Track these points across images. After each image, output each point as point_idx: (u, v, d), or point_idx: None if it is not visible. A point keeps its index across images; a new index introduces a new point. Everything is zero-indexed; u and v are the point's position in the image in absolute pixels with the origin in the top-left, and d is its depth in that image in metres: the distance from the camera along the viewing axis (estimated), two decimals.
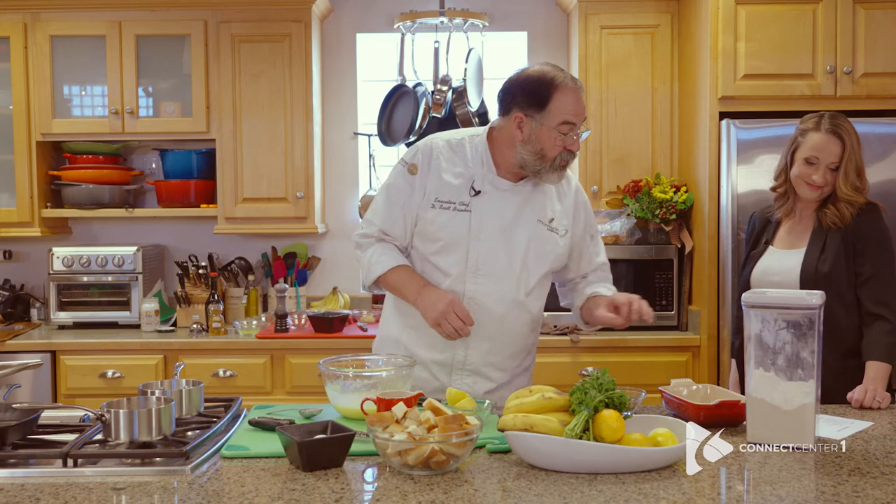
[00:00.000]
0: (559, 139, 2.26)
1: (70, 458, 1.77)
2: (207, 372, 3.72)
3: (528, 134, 2.28)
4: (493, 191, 2.35)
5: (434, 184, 2.35)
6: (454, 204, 2.34)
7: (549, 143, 2.27)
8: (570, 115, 2.26)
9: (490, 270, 2.34)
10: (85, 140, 4.09)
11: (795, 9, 3.55)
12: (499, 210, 2.34)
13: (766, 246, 2.64)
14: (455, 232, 2.33)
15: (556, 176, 2.33)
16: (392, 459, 1.71)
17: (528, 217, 2.37)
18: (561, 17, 4.35)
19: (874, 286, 2.45)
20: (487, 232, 2.33)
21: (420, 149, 2.39)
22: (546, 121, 2.26)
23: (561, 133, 2.25)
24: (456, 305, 2.25)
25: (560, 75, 2.29)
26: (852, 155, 2.46)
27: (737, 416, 2.04)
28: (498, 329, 2.37)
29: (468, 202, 2.33)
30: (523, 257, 2.36)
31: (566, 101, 2.26)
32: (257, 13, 4.00)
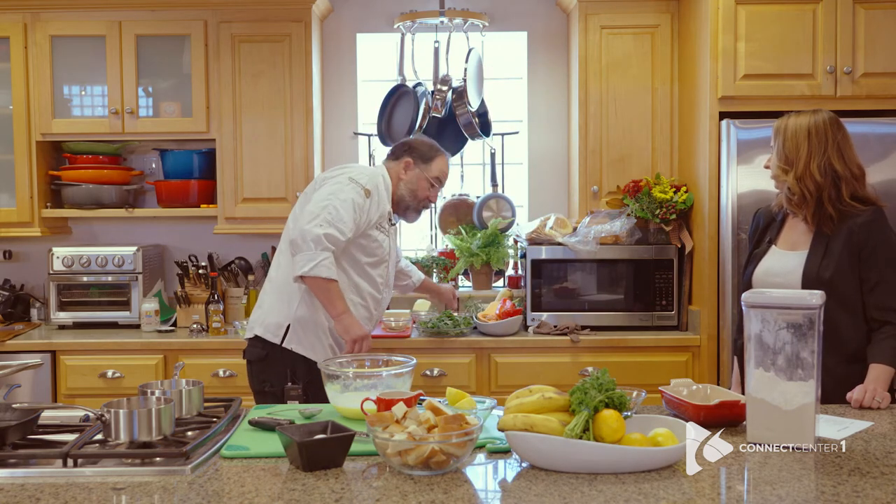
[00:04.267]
0: (428, 189, 3.14)
1: (70, 458, 1.77)
2: (207, 372, 3.72)
3: (411, 176, 3.11)
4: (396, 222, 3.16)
5: (380, 208, 2.98)
6: (385, 229, 3.03)
7: (422, 187, 3.13)
8: (442, 174, 3.17)
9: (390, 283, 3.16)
10: (85, 140, 4.09)
11: (795, 9, 3.55)
12: (394, 238, 3.17)
13: (769, 245, 2.64)
14: (385, 250, 3.04)
15: (415, 216, 3.21)
16: (392, 459, 1.71)
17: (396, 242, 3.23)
18: (561, 17, 4.35)
19: (880, 292, 2.44)
20: (393, 253, 3.15)
21: (370, 177, 2.98)
22: (427, 172, 3.13)
23: (431, 184, 3.13)
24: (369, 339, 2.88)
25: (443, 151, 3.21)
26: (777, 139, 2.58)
27: (737, 416, 2.04)
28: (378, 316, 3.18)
29: (387, 229, 3.05)
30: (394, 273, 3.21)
31: (443, 165, 3.18)
32: (257, 13, 4.00)
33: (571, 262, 3.90)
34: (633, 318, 3.88)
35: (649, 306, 3.87)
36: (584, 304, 3.90)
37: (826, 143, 2.52)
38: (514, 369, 3.71)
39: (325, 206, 2.82)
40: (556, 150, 4.40)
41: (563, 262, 3.91)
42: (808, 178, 2.50)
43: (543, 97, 4.41)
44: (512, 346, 3.73)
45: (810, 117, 2.56)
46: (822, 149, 2.51)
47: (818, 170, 2.50)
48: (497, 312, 3.83)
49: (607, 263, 3.89)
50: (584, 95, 3.99)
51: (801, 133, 2.54)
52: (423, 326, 3.83)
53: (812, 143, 2.53)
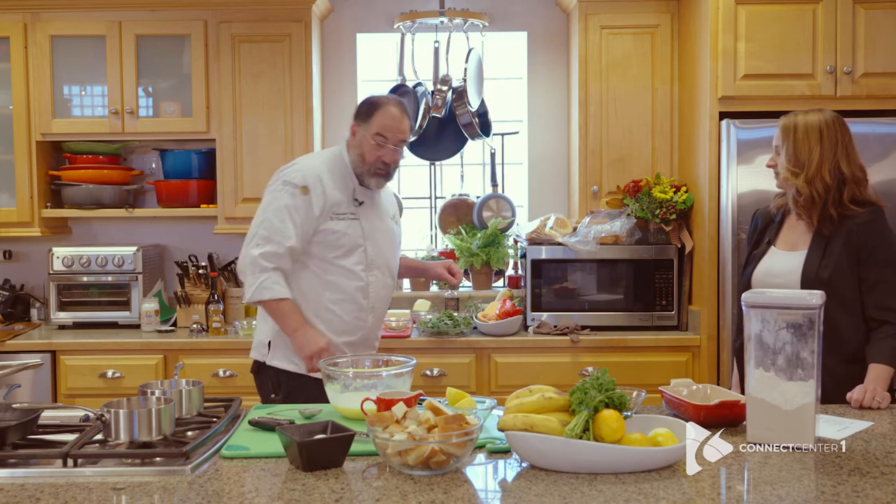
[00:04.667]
0: (374, 148, 2.79)
1: (70, 458, 1.77)
2: (207, 372, 3.72)
3: (357, 139, 2.84)
4: (367, 199, 2.87)
5: (328, 199, 2.78)
6: (346, 214, 2.81)
7: (367, 148, 2.80)
8: (383, 129, 2.79)
9: (380, 263, 2.88)
10: (85, 140, 4.09)
11: (795, 9, 3.55)
12: (375, 214, 2.90)
13: (768, 246, 2.64)
14: (353, 236, 2.81)
15: (375, 181, 2.85)
16: (392, 459, 1.71)
17: (387, 215, 2.97)
18: (561, 17, 4.35)
19: (879, 292, 2.44)
20: (374, 232, 2.87)
21: (304, 172, 2.79)
22: (367, 129, 2.80)
23: (375, 142, 2.78)
24: (329, 350, 2.66)
25: (390, 102, 2.84)
26: (789, 139, 2.53)
27: (737, 416, 2.04)
28: (384, 310, 2.97)
29: (355, 211, 2.83)
30: (391, 248, 2.95)
31: (384, 119, 2.79)
32: (257, 13, 4.00)
33: (571, 262, 3.90)
34: (633, 318, 3.88)
35: (649, 306, 3.87)
36: (584, 304, 3.90)
37: (836, 145, 2.51)
38: (514, 369, 3.71)
39: (260, 223, 2.75)
40: (556, 150, 4.40)
41: (563, 262, 3.91)
42: (819, 180, 2.49)
43: (543, 97, 4.41)
44: (512, 346, 3.73)
45: (819, 116, 2.53)
46: (833, 151, 2.50)
47: (828, 173, 2.49)
48: (497, 312, 3.83)
49: (607, 263, 3.89)
50: (584, 95, 3.99)
51: (812, 134, 2.51)
52: (423, 326, 3.83)
53: (824, 145, 2.51)
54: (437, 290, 4.25)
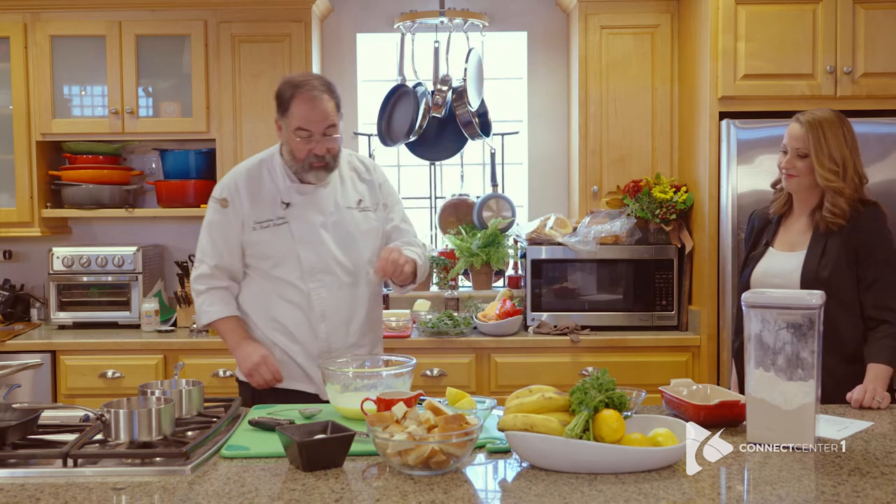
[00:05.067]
0: (300, 143, 2.47)
1: (70, 458, 1.77)
2: (207, 372, 3.72)
3: (282, 135, 2.54)
4: (301, 197, 2.57)
5: (247, 210, 2.56)
6: (271, 220, 2.56)
7: (294, 146, 2.49)
8: (303, 121, 2.45)
9: (324, 268, 2.56)
10: (85, 140, 4.09)
11: (795, 9, 3.55)
12: (311, 212, 2.57)
13: (766, 247, 2.63)
14: (280, 244, 2.55)
15: (314, 175, 2.53)
16: (392, 459, 1.71)
17: (339, 208, 2.60)
18: (561, 17, 4.35)
19: (877, 290, 2.44)
20: (308, 234, 2.56)
21: (225, 183, 2.61)
22: (287, 125, 2.49)
23: (299, 137, 2.46)
24: (268, 360, 2.51)
25: (304, 84, 2.47)
26: (821, 142, 2.46)
27: (737, 416, 2.04)
28: (350, 313, 2.61)
29: (283, 215, 2.56)
30: (348, 243, 2.60)
31: (301, 109, 2.45)
32: (257, 13, 4.00)
33: (571, 262, 3.90)
34: (633, 318, 3.88)
35: (649, 306, 3.87)
36: (584, 304, 3.90)
37: (854, 144, 2.51)
38: (513, 369, 3.71)
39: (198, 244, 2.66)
40: (556, 150, 4.40)
41: (563, 262, 3.91)
42: (851, 179, 2.48)
43: (543, 97, 4.41)
44: (512, 346, 3.73)
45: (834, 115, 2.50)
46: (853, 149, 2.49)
47: (855, 171, 2.49)
48: (497, 312, 3.83)
49: (607, 263, 3.89)
50: (584, 95, 3.99)
51: (839, 133, 2.47)
52: (423, 326, 3.83)
53: (849, 143, 2.48)
54: (437, 290, 4.25)
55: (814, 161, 2.47)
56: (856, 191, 2.48)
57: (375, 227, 2.66)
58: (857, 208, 2.48)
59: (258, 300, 2.62)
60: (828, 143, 2.46)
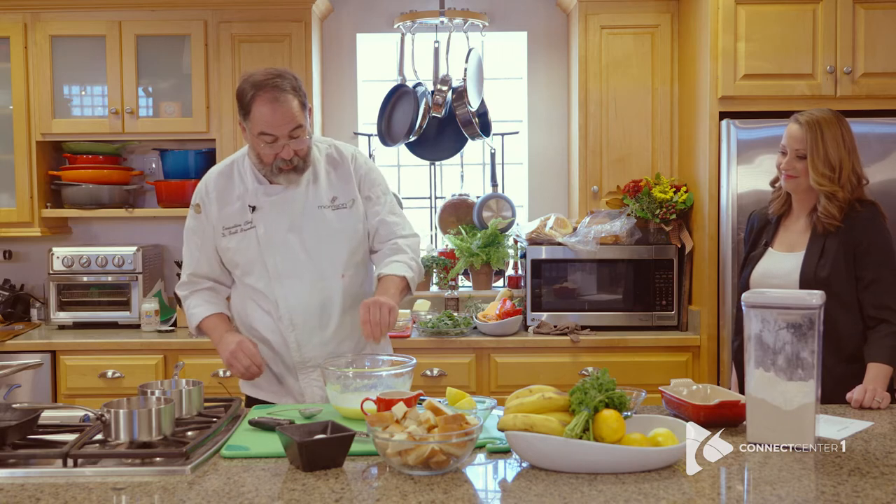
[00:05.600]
0: (265, 147, 2.32)
1: (70, 458, 1.77)
2: (207, 372, 3.72)
3: (247, 138, 2.38)
4: (268, 199, 2.43)
5: (216, 215, 2.45)
6: (239, 226, 2.43)
7: (259, 150, 2.34)
8: (266, 126, 2.29)
9: (291, 272, 2.42)
10: (85, 140, 4.09)
11: (795, 9, 3.55)
12: (279, 215, 2.42)
13: (765, 248, 2.63)
14: (247, 250, 2.42)
15: (285, 178, 2.38)
16: (392, 459, 1.71)
17: (310, 208, 2.44)
18: (561, 17, 4.35)
19: (876, 290, 2.44)
20: (275, 238, 2.42)
21: (198, 188, 2.50)
22: (251, 128, 2.33)
23: (264, 142, 2.31)
24: (244, 345, 2.35)
25: (262, 85, 2.30)
26: (818, 144, 2.45)
27: (737, 416, 2.04)
28: (324, 319, 2.45)
29: (250, 219, 2.43)
30: (319, 245, 2.43)
31: (262, 113, 2.29)
32: (257, 13, 4.00)
33: (571, 262, 3.90)
34: (633, 318, 3.88)
35: (649, 306, 3.87)
36: (584, 304, 3.90)
37: (853, 145, 2.50)
38: (513, 369, 3.71)
39: None
40: (556, 150, 4.40)
41: (563, 262, 3.91)
42: (849, 182, 2.48)
43: (543, 97, 4.41)
44: (512, 346, 3.73)
45: (832, 116, 2.50)
46: (851, 151, 2.49)
47: (853, 173, 2.48)
48: (497, 312, 3.83)
49: (607, 263, 3.89)
50: (584, 95, 3.99)
51: (836, 135, 2.46)
52: (423, 326, 3.83)
53: (847, 145, 2.48)
54: (437, 290, 4.25)
55: (809, 164, 2.47)
56: (853, 192, 2.48)
57: (351, 225, 2.47)
58: (855, 208, 2.48)
59: (237, 308, 2.54)
60: (825, 145, 2.46)
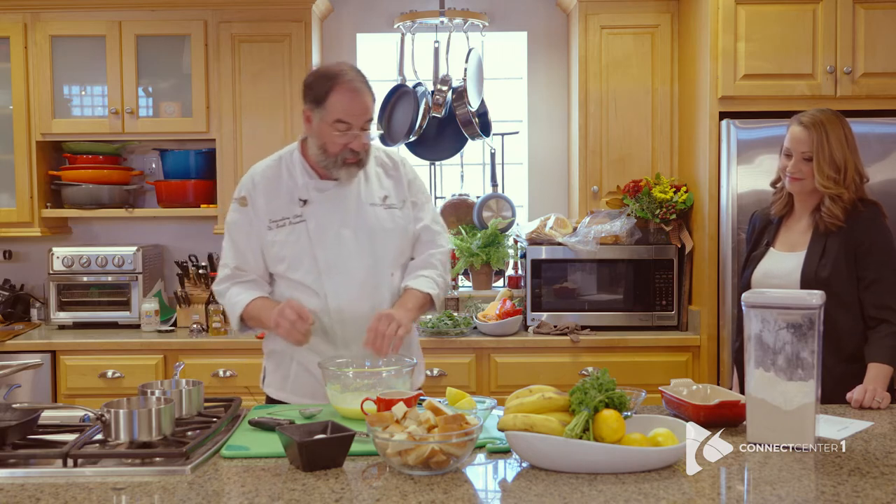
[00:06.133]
0: (337, 136, 2.33)
1: (70, 458, 1.77)
2: (207, 372, 3.72)
3: (313, 128, 2.37)
4: (319, 194, 2.43)
5: (263, 208, 2.43)
6: (288, 219, 2.42)
7: (328, 139, 2.35)
8: (344, 114, 2.32)
9: (342, 268, 2.41)
10: (85, 140, 4.09)
11: (795, 9, 3.55)
12: (331, 210, 2.42)
13: (766, 247, 2.63)
14: (296, 244, 2.41)
15: (346, 173, 2.40)
16: (392, 459, 1.71)
17: (361, 205, 2.45)
18: (561, 17, 4.35)
19: (876, 290, 2.44)
20: (327, 233, 2.41)
21: (243, 181, 2.49)
22: (325, 116, 2.33)
23: (337, 130, 2.33)
24: (291, 302, 2.30)
25: (345, 75, 2.34)
26: (824, 145, 2.45)
27: (737, 416, 2.04)
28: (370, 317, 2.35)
29: (300, 213, 2.42)
30: (370, 244, 2.44)
31: (342, 100, 2.32)
32: (257, 13, 4.00)
33: (571, 262, 3.90)
34: (633, 318, 3.88)
35: (649, 306, 3.87)
36: (584, 304, 3.90)
37: (855, 145, 2.50)
38: (513, 369, 3.71)
39: None
40: (556, 150, 4.40)
41: (563, 262, 3.91)
42: (853, 182, 2.48)
43: (543, 97, 4.41)
44: (512, 346, 3.73)
45: (833, 116, 2.49)
46: (854, 151, 2.49)
47: (856, 174, 2.48)
48: (497, 312, 3.83)
49: (607, 263, 3.89)
50: (584, 95, 3.99)
51: (840, 135, 2.46)
52: (423, 326, 3.83)
53: (850, 145, 2.48)
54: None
55: (814, 166, 2.46)
56: (856, 191, 2.48)
57: (402, 225, 2.50)
58: (858, 208, 2.48)
59: None
60: (830, 146, 2.45)
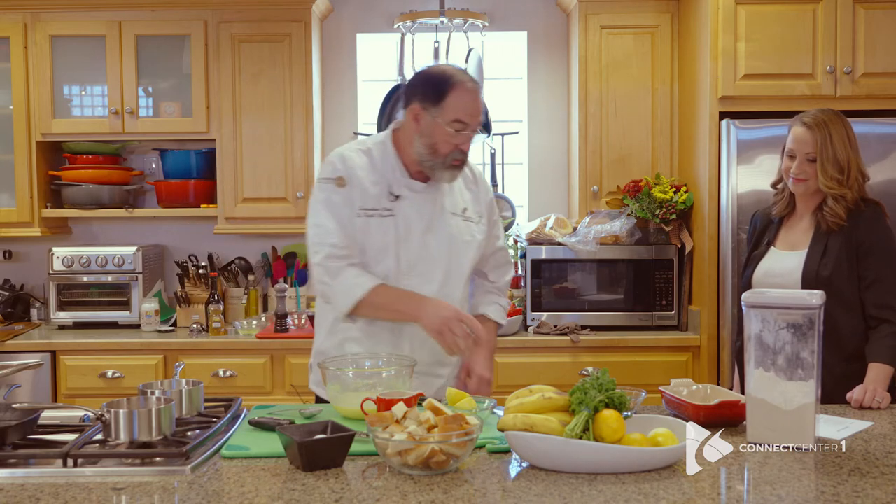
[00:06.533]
0: (451, 136, 2.31)
1: (70, 458, 1.77)
2: (207, 372, 3.72)
3: (424, 127, 2.33)
4: (411, 194, 2.40)
5: (358, 193, 2.38)
6: (377, 210, 2.37)
7: (441, 139, 2.31)
8: (463, 113, 2.30)
9: (421, 270, 2.39)
10: (85, 140, 4.09)
11: (795, 9, 3.55)
12: (419, 211, 2.40)
13: (767, 246, 2.63)
14: (382, 237, 2.36)
15: (449, 175, 2.38)
16: (392, 459, 1.71)
17: (444, 213, 2.43)
18: (561, 17, 4.35)
19: (878, 290, 2.44)
20: (413, 234, 2.38)
21: (335, 162, 2.42)
22: (440, 115, 2.30)
23: (453, 130, 2.30)
24: (462, 314, 2.25)
25: (461, 76, 2.34)
26: (827, 146, 2.45)
27: (737, 416, 2.04)
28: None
29: (390, 207, 2.38)
30: (448, 252, 2.42)
31: (461, 100, 2.30)
32: (257, 13, 4.00)
33: (571, 262, 3.90)
34: (633, 318, 3.88)
35: (649, 306, 3.87)
36: (584, 304, 3.90)
37: (857, 144, 2.50)
38: (514, 369, 3.71)
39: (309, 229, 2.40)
40: (556, 150, 4.40)
41: (563, 262, 3.91)
42: (855, 183, 2.48)
43: (543, 97, 4.41)
44: (512, 346, 3.73)
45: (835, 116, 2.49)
46: (856, 151, 2.49)
47: (859, 174, 2.48)
48: None
49: (607, 263, 3.89)
50: (584, 95, 3.99)
51: (843, 135, 2.46)
52: None
53: (852, 145, 2.48)
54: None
55: (818, 167, 2.47)
56: (859, 190, 2.49)
57: (478, 240, 2.48)
58: (860, 207, 2.48)
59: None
60: (833, 147, 2.45)
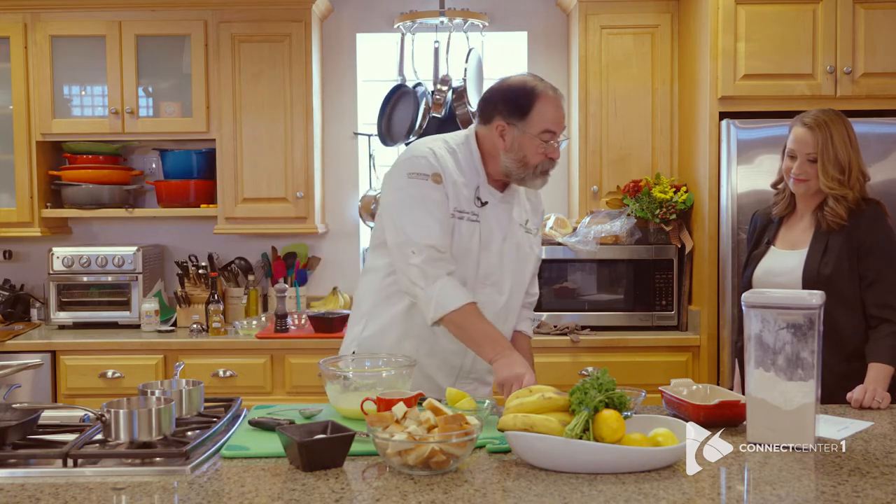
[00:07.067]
0: (541, 147, 2.28)
1: (70, 458, 1.77)
2: (207, 372, 3.72)
3: (511, 142, 2.29)
4: (493, 200, 2.36)
5: (452, 193, 2.30)
6: (467, 213, 2.31)
7: (531, 151, 2.28)
8: (551, 123, 2.28)
9: (496, 279, 2.37)
10: (85, 140, 4.09)
11: (795, 9, 3.55)
12: (499, 219, 2.36)
13: (767, 246, 2.63)
14: (468, 241, 2.31)
15: (540, 181, 2.36)
16: (392, 459, 1.71)
17: (514, 223, 2.41)
18: (561, 17, 4.35)
19: (878, 289, 2.44)
20: (494, 242, 2.35)
21: (428, 157, 2.30)
22: (528, 129, 2.27)
23: (542, 141, 2.27)
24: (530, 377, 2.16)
25: (541, 85, 2.31)
26: (829, 147, 2.45)
27: (737, 416, 2.04)
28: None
29: (477, 212, 2.32)
30: (516, 263, 2.41)
31: (547, 110, 2.27)
32: (257, 13, 4.00)
33: (571, 262, 3.90)
34: (633, 318, 3.88)
35: (649, 306, 3.88)
36: (584, 304, 3.90)
37: (857, 145, 2.50)
38: None
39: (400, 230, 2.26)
40: None
41: (563, 262, 3.91)
42: (857, 183, 2.48)
43: None
44: None
45: (836, 116, 2.49)
46: (857, 151, 2.49)
47: (860, 174, 2.48)
48: None
49: (607, 263, 3.89)
50: (584, 95, 3.99)
51: (844, 136, 2.46)
52: None
53: (853, 145, 2.48)
54: None
55: (819, 168, 2.46)
56: (860, 190, 2.49)
57: (536, 253, 2.49)
58: (860, 206, 2.48)
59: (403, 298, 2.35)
60: (834, 147, 2.45)
